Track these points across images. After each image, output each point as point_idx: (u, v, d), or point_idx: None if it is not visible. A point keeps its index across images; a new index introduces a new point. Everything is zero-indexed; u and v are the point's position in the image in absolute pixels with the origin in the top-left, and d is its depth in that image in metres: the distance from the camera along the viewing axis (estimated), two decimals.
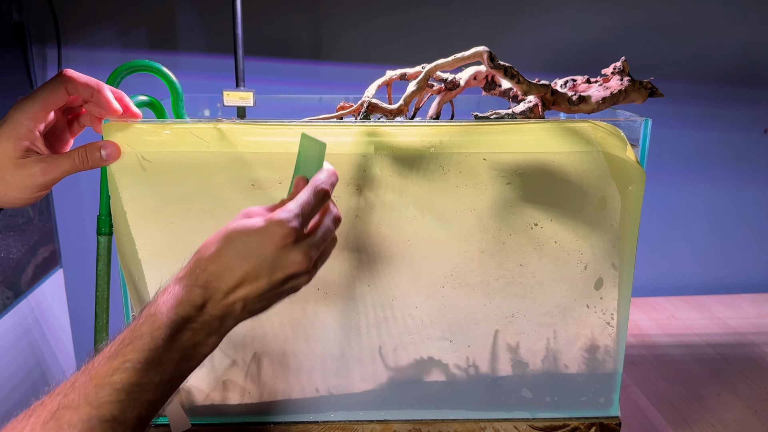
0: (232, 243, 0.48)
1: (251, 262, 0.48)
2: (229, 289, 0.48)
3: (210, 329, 0.48)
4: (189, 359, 0.48)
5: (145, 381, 0.45)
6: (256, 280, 0.49)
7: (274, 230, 0.48)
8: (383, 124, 0.61)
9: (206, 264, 0.48)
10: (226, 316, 0.49)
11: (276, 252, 0.49)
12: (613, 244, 0.65)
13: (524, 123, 0.62)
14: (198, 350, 0.48)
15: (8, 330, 1.06)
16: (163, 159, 0.60)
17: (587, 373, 0.70)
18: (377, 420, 0.71)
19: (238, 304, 0.49)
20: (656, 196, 1.31)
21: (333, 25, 1.19)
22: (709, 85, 1.27)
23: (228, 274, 0.48)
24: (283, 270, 0.49)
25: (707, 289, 1.37)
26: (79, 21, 1.15)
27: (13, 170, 0.55)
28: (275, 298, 0.51)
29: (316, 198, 0.51)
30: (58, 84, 0.55)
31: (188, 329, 0.47)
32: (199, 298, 0.47)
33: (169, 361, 0.46)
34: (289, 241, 0.49)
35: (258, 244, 0.48)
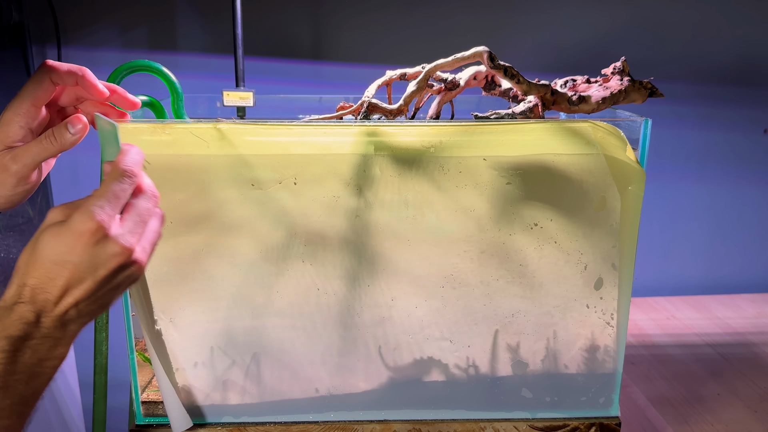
0: (44, 251, 0.46)
1: (69, 268, 0.46)
2: (56, 298, 0.46)
3: (53, 341, 0.47)
4: (37, 376, 0.46)
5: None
6: (81, 284, 0.47)
7: (81, 228, 0.46)
8: (383, 124, 0.61)
9: (26, 279, 0.46)
10: (65, 324, 0.47)
11: (90, 250, 0.46)
12: (613, 244, 0.65)
13: (524, 123, 0.61)
14: (46, 365, 0.47)
15: None
16: (163, 159, 0.60)
17: (587, 373, 0.70)
18: (377, 420, 0.71)
19: (71, 310, 0.47)
20: (656, 196, 1.31)
21: (333, 25, 1.19)
22: (709, 85, 1.27)
23: (51, 284, 0.46)
24: (105, 266, 0.47)
25: (707, 289, 1.37)
26: (79, 21, 1.15)
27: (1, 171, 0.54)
28: (111, 293, 0.49)
29: (121, 181, 0.49)
30: (41, 76, 0.54)
31: (27, 347, 0.45)
32: (29, 314, 0.45)
33: (15, 383, 0.45)
34: (100, 235, 0.47)
35: (69, 246, 0.46)
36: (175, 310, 0.65)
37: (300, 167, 0.61)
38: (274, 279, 0.64)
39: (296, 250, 0.64)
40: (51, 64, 0.55)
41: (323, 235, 0.63)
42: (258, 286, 0.65)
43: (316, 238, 0.63)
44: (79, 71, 0.55)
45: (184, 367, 0.68)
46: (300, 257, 0.64)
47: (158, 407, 0.71)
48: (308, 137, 0.60)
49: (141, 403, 0.71)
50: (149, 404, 0.72)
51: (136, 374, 0.70)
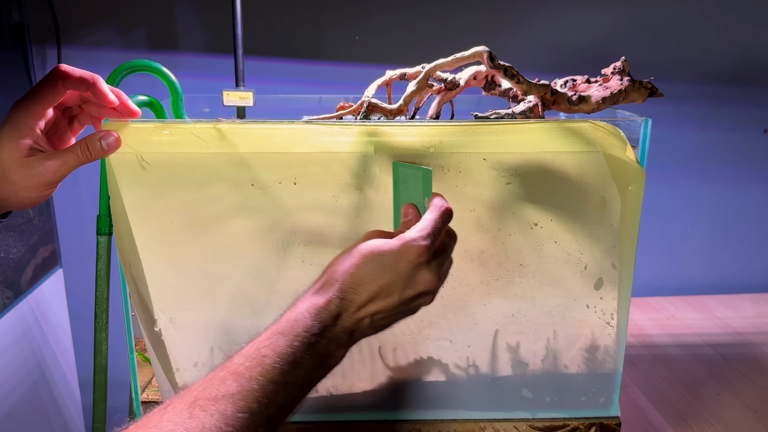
0: (368, 260, 0.50)
1: (386, 278, 0.50)
2: (362, 302, 0.50)
3: (341, 341, 0.50)
4: (320, 368, 0.49)
5: (282, 381, 0.46)
6: (389, 296, 0.50)
7: (408, 249, 0.51)
8: (383, 124, 0.61)
9: (342, 277, 0.50)
10: (355, 329, 0.50)
11: (410, 269, 0.51)
12: (613, 244, 0.65)
13: (524, 123, 0.61)
14: (328, 361, 0.49)
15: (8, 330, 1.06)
16: (163, 159, 0.60)
17: (587, 373, 0.70)
18: (377, 420, 0.71)
19: (366, 319, 0.50)
20: (656, 195, 1.31)
21: (333, 25, 1.19)
22: (710, 85, 1.27)
23: (363, 288, 0.50)
24: (414, 287, 0.51)
25: (707, 289, 1.37)
26: (79, 21, 1.15)
27: (19, 170, 0.55)
28: (400, 315, 0.53)
29: (442, 219, 0.53)
30: (53, 80, 0.55)
31: (324, 337, 0.48)
32: (335, 308, 0.49)
33: (305, 365, 0.47)
34: (422, 259, 0.51)
35: (393, 261, 0.50)
36: (175, 310, 0.65)
37: (300, 167, 0.61)
38: (274, 279, 0.64)
39: (296, 250, 0.64)
40: (64, 70, 0.56)
41: (323, 235, 0.63)
42: (258, 286, 0.65)
43: (316, 238, 0.63)
44: (90, 79, 0.56)
45: (184, 367, 0.68)
46: (300, 257, 0.64)
47: None
48: (308, 137, 0.60)
49: (141, 403, 0.71)
50: (149, 404, 0.72)
51: (136, 374, 0.70)
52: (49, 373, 1.18)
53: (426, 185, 0.56)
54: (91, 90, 0.56)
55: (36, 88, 0.56)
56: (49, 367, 1.18)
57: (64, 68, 0.56)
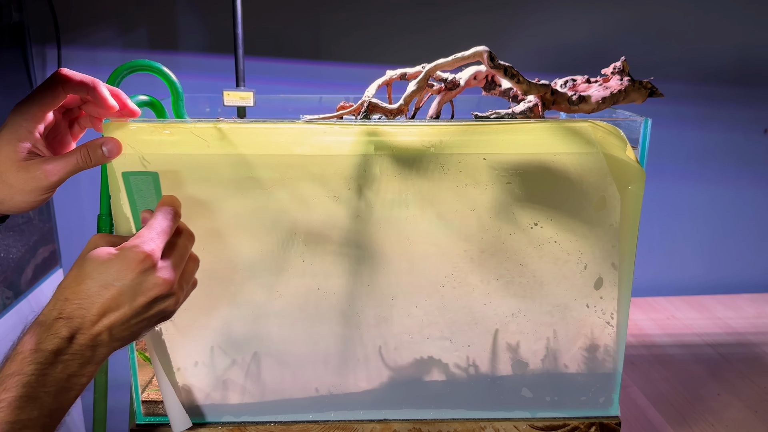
0: (90, 273, 0.49)
1: (112, 291, 0.49)
2: (94, 317, 0.49)
3: (83, 359, 0.49)
4: (66, 391, 0.48)
5: (23, 418, 0.45)
6: (120, 308, 0.50)
7: (130, 256, 0.50)
8: (383, 123, 0.61)
9: (67, 295, 0.49)
10: (97, 345, 0.49)
11: (135, 277, 0.50)
12: (613, 243, 0.65)
13: (524, 123, 0.62)
14: (74, 380, 0.49)
15: (8, 330, 1.06)
16: (164, 159, 0.60)
17: (587, 373, 0.70)
18: (377, 420, 0.71)
19: (104, 333, 0.50)
20: (656, 195, 1.31)
21: (333, 25, 1.19)
22: (709, 85, 1.27)
23: (90, 303, 0.49)
24: (145, 294, 0.50)
25: (707, 289, 1.37)
26: (79, 21, 1.15)
27: (17, 173, 0.55)
28: (143, 323, 0.52)
29: (168, 219, 0.53)
30: (53, 84, 0.55)
31: (59, 362, 0.47)
32: (64, 330, 0.48)
33: (44, 395, 0.46)
34: (147, 265, 0.50)
35: (116, 271, 0.49)
36: None
37: (300, 167, 0.61)
38: (274, 278, 0.64)
39: (296, 250, 0.64)
40: (64, 74, 0.56)
41: (323, 235, 0.63)
42: (258, 286, 0.65)
43: (316, 237, 0.63)
44: (91, 83, 0.56)
45: (184, 367, 0.68)
46: (300, 257, 0.64)
47: (158, 407, 0.71)
48: (308, 137, 0.60)
49: (141, 402, 0.71)
50: (149, 404, 0.72)
51: (136, 374, 0.70)
52: None
53: (156, 189, 0.56)
54: (91, 94, 0.57)
55: (36, 92, 0.55)
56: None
57: (65, 72, 0.56)
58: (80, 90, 0.56)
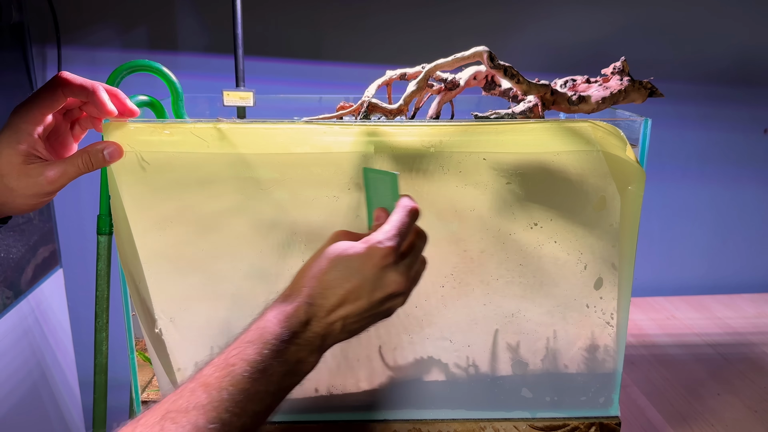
0: (334, 264, 0.51)
1: (353, 282, 0.50)
2: (331, 307, 0.50)
3: (312, 347, 0.50)
4: (292, 374, 0.49)
5: (252, 390, 0.46)
6: (357, 300, 0.51)
7: (374, 252, 0.51)
8: (383, 123, 0.61)
9: (310, 282, 0.50)
10: (327, 334, 0.50)
11: (376, 272, 0.51)
12: (613, 244, 0.65)
13: (524, 123, 0.62)
14: (300, 367, 0.50)
15: (8, 330, 1.06)
16: (163, 159, 0.60)
17: (587, 373, 0.70)
18: (377, 420, 0.71)
19: (338, 323, 0.51)
20: (656, 195, 1.31)
21: (333, 25, 1.19)
22: (710, 85, 1.27)
23: (331, 293, 0.50)
24: (383, 290, 0.51)
25: (707, 289, 1.37)
26: (79, 21, 1.15)
27: (18, 178, 0.55)
28: (372, 318, 0.53)
29: (409, 219, 0.53)
30: (53, 87, 0.55)
31: (294, 344, 0.48)
32: (303, 314, 0.49)
33: (275, 373, 0.47)
34: (388, 261, 0.51)
35: (359, 264, 0.50)
36: (176, 310, 0.65)
37: (300, 167, 0.61)
38: (274, 279, 0.64)
39: (296, 250, 0.64)
40: (65, 78, 0.56)
41: (323, 235, 0.63)
42: (258, 286, 0.65)
43: (316, 237, 0.63)
44: (90, 87, 0.56)
45: (185, 367, 0.68)
46: (300, 257, 0.64)
47: None
48: (308, 137, 0.60)
49: (141, 402, 0.71)
50: (149, 404, 0.72)
51: (136, 374, 0.70)
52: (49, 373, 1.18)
53: (393, 189, 0.56)
54: (91, 99, 0.56)
55: (36, 95, 0.56)
56: (49, 367, 1.18)
57: (65, 76, 0.56)
58: (80, 94, 0.56)
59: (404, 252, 0.53)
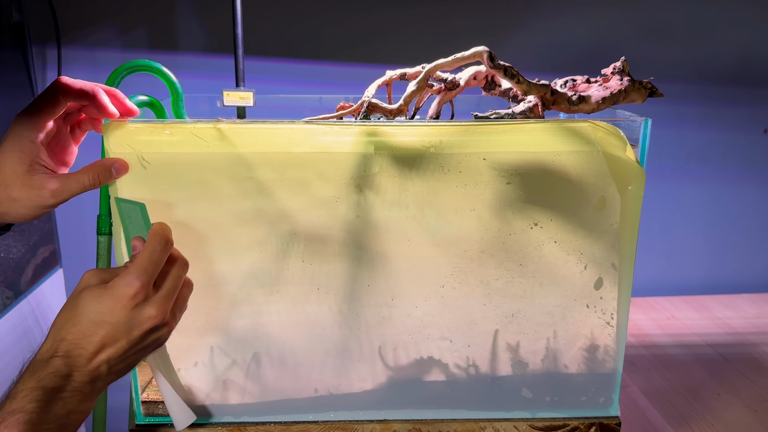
0: (84, 310, 0.50)
1: (106, 327, 0.50)
2: (90, 355, 0.50)
3: (82, 395, 0.50)
4: (65, 427, 0.49)
5: None
6: (116, 342, 0.51)
7: (121, 291, 0.50)
8: (383, 123, 0.61)
9: (64, 334, 0.50)
10: (95, 380, 0.50)
11: (128, 312, 0.51)
12: (613, 244, 0.65)
13: (524, 123, 0.62)
14: (73, 417, 0.49)
15: (8, 330, 1.06)
16: (163, 159, 0.60)
17: (587, 373, 0.70)
18: (377, 420, 0.71)
19: (103, 366, 0.51)
20: (656, 195, 1.31)
21: (333, 25, 1.19)
22: (710, 85, 1.27)
23: (86, 341, 0.50)
24: (140, 327, 0.51)
25: (707, 289, 1.37)
26: (79, 21, 1.15)
27: (21, 188, 0.55)
28: (139, 353, 0.53)
29: (156, 251, 0.53)
30: (53, 93, 0.55)
31: (59, 399, 0.48)
32: (63, 368, 0.49)
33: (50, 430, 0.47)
34: (139, 299, 0.51)
35: (109, 307, 0.50)
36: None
37: (300, 167, 0.61)
38: (274, 279, 0.64)
39: (296, 250, 0.64)
40: (64, 83, 0.55)
41: (323, 235, 0.63)
42: (258, 286, 0.65)
43: (316, 238, 0.63)
44: (91, 91, 0.56)
45: (184, 368, 0.68)
46: (300, 257, 0.64)
47: (158, 407, 0.71)
48: (308, 137, 0.60)
49: (141, 402, 0.71)
50: (149, 404, 0.72)
51: (136, 374, 0.70)
52: None
53: (145, 218, 0.57)
54: (92, 102, 0.56)
55: (36, 102, 0.55)
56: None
57: (65, 81, 0.55)
58: (80, 98, 0.56)
59: (158, 284, 0.53)
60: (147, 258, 0.52)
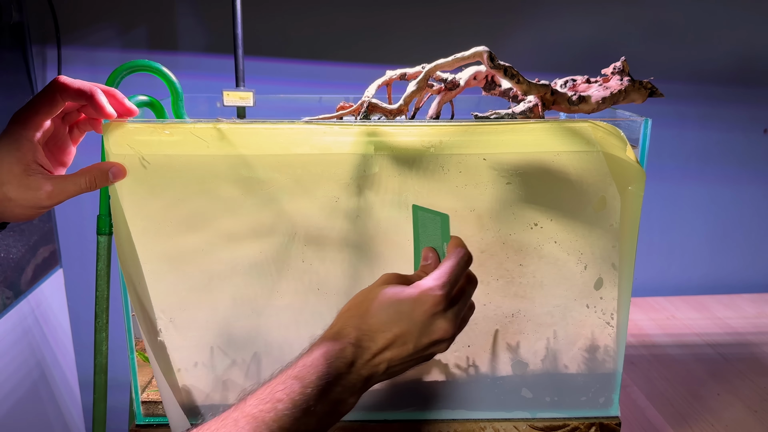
0: (385, 307, 0.51)
1: (402, 326, 0.50)
2: (378, 350, 0.50)
3: (354, 388, 0.50)
4: (332, 414, 0.49)
5: (293, 429, 0.46)
6: (404, 344, 0.51)
7: (425, 298, 0.51)
8: (383, 124, 0.61)
9: (359, 324, 0.51)
10: (371, 376, 0.51)
11: (426, 319, 0.51)
12: (613, 244, 0.65)
13: (524, 123, 0.62)
14: (340, 407, 0.50)
15: (8, 330, 1.06)
16: (163, 159, 0.60)
17: (587, 373, 0.70)
18: (377, 420, 0.71)
19: (382, 365, 0.51)
20: (656, 196, 1.31)
21: (333, 25, 1.19)
22: (709, 85, 1.27)
23: (379, 335, 0.50)
24: (429, 336, 0.51)
25: (707, 289, 1.37)
26: (79, 21, 1.15)
27: (18, 188, 0.54)
28: (415, 362, 0.53)
29: (460, 265, 0.53)
30: (51, 92, 0.55)
31: (338, 385, 0.49)
32: (350, 355, 0.49)
33: (317, 413, 0.47)
34: (439, 308, 0.51)
35: (409, 309, 0.50)
36: (175, 310, 0.65)
37: (300, 167, 0.61)
38: (274, 279, 0.64)
39: (296, 250, 0.64)
40: (62, 83, 0.55)
41: (323, 235, 0.63)
42: (258, 286, 0.65)
43: (316, 238, 0.63)
44: (89, 91, 0.56)
45: (185, 368, 0.68)
46: (300, 257, 0.64)
47: (158, 407, 0.71)
48: (308, 137, 0.60)
49: (141, 403, 0.71)
50: (149, 404, 0.72)
51: (136, 374, 0.70)
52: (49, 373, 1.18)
53: (444, 230, 0.56)
54: (89, 102, 0.56)
55: (34, 101, 0.55)
56: (49, 367, 1.18)
57: (63, 80, 0.55)
58: (78, 98, 0.56)
59: (453, 297, 0.53)
60: (452, 270, 0.52)
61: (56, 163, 0.60)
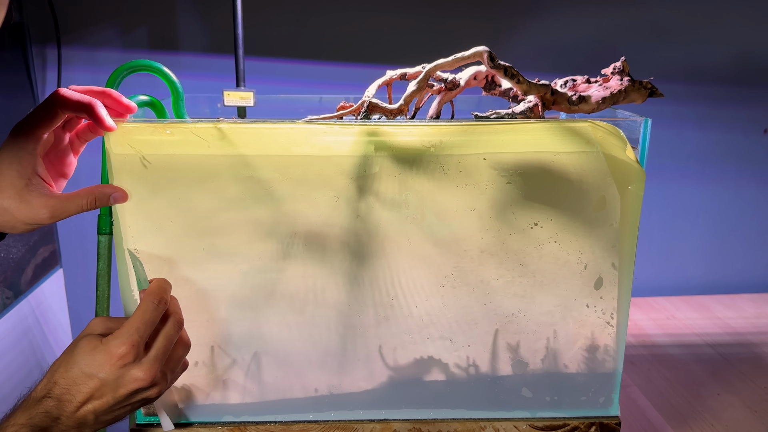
0: (78, 360, 0.52)
1: (95, 381, 0.52)
2: (78, 403, 0.51)
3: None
4: None
5: None
6: (102, 397, 0.52)
7: (112, 350, 0.52)
8: (383, 123, 0.61)
9: (57, 378, 0.52)
10: (81, 426, 0.52)
11: (116, 371, 0.52)
12: (613, 243, 0.65)
13: (524, 123, 0.62)
14: None
15: (8, 330, 1.06)
16: (164, 159, 0.60)
17: (587, 373, 0.70)
18: (377, 419, 0.71)
19: (89, 416, 0.52)
20: (656, 196, 1.31)
21: (333, 25, 1.19)
22: (709, 85, 1.27)
23: (76, 390, 0.52)
24: (126, 387, 0.52)
25: (707, 289, 1.37)
26: (79, 21, 1.15)
27: (19, 204, 0.55)
28: (125, 409, 0.54)
29: (149, 311, 0.54)
30: (51, 106, 0.55)
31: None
32: (53, 410, 0.51)
33: None
34: (127, 360, 0.52)
35: (99, 363, 0.52)
36: None
37: (300, 167, 0.61)
38: (275, 279, 0.64)
39: (296, 250, 0.64)
40: (62, 96, 0.55)
41: (323, 235, 0.63)
42: (258, 286, 0.65)
43: (316, 238, 0.63)
44: (88, 104, 0.55)
45: None
46: (300, 257, 0.64)
47: None
48: (308, 137, 0.60)
49: None
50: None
51: None
52: None
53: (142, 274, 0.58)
54: (89, 115, 0.56)
55: (34, 113, 0.55)
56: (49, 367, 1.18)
57: (63, 93, 0.55)
58: (78, 110, 0.55)
59: (147, 344, 0.54)
60: (139, 318, 0.53)
61: (57, 175, 0.60)
